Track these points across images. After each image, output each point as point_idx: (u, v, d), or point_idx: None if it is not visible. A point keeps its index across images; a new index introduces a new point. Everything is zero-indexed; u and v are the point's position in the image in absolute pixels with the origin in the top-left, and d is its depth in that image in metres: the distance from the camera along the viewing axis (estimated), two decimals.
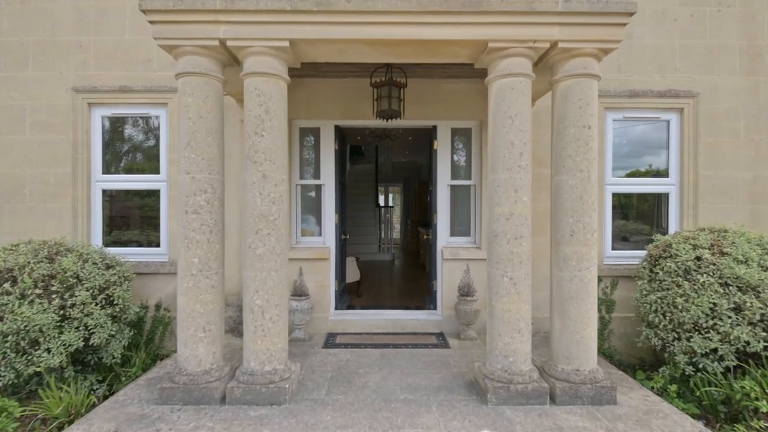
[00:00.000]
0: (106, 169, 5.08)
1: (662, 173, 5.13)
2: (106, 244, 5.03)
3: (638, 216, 5.23)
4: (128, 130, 5.14)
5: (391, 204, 17.77)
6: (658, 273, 4.06)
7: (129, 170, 5.12)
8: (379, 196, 13.80)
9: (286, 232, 3.38)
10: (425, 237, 9.34)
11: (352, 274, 6.23)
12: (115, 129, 5.12)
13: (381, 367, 3.88)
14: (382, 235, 12.03)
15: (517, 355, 3.23)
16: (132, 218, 5.14)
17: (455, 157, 5.22)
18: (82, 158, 4.98)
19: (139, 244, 5.10)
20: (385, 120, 4.36)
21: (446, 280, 5.01)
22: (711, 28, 5.12)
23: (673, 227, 5.09)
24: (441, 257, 5.07)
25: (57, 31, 5.04)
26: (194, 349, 3.19)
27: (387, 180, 16.13)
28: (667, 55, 5.10)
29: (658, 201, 5.19)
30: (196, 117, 3.22)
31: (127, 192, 5.09)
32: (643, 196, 5.20)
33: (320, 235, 5.21)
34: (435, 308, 5.18)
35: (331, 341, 4.65)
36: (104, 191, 5.07)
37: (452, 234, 5.21)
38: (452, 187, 5.21)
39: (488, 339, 3.38)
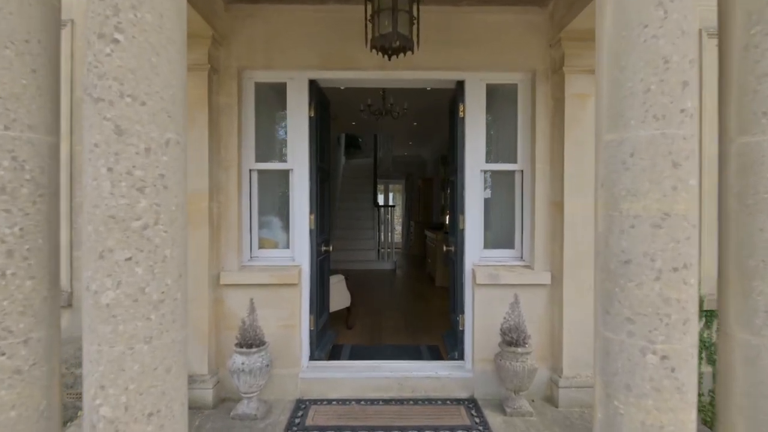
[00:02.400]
0: None
1: None
2: None
3: None
4: None
5: (392, 203, 16.02)
6: None
7: None
8: (378, 194, 12.06)
9: (181, 254, 1.61)
10: (434, 245, 7.58)
11: (340, 300, 4.47)
12: None
13: None
14: (382, 239, 10.31)
15: None
16: None
17: (492, 131, 3.46)
18: None
19: None
20: (386, 56, 2.61)
21: (480, 315, 3.26)
22: None
23: None
24: (471, 280, 3.32)
25: None
26: None
27: (387, 176, 14.38)
28: None
29: None
30: None
31: None
32: None
33: (288, 246, 3.45)
34: (462, 356, 3.42)
35: (299, 420, 2.89)
36: None
37: (486, 245, 3.45)
38: (487, 175, 3.47)
39: None
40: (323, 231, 3.80)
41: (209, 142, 3.11)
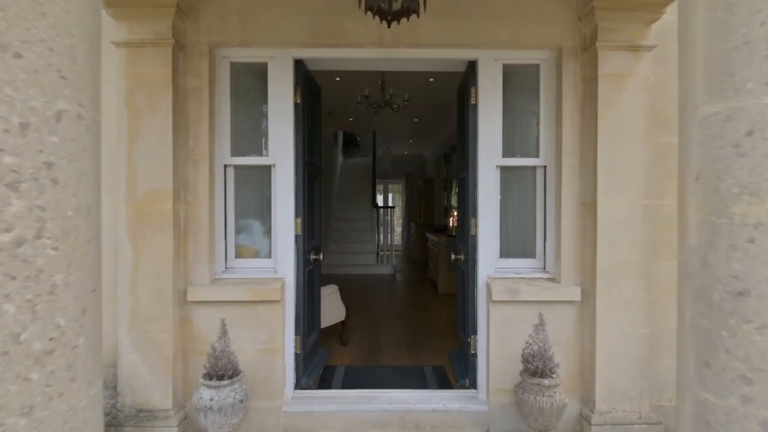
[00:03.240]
0: None
1: None
2: None
3: None
4: None
5: (391, 204, 15.52)
6: None
7: None
8: (376, 195, 11.56)
9: (85, 280, 1.10)
10: (436, 249, 7.08)
11: (333, 314, 3.96)
12: None
13: None
14: (381, 241, 9.80)
15: None
16: None
17: (509, 120, 2.95)
18: None
19: None
20: (385, 21, 2.11)
21: (497, 337, 2.75)
22: None
23: None
24: (486, 296, 2.81)
25: None
26: None
27: (386, 176, 13.90)
28: None
29: None
30: None
31: None
32: None
33: (269, 255, 2.94)
34: (474, 385, 2.91)
35: None
36: None
37: (503, 253, 2.95)
38: (504, 172, 2.96)
39: None
40: (313, 237, 3.29)
41: (174, 132, 2.61)
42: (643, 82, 2.66)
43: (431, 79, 5.86)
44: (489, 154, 2.84)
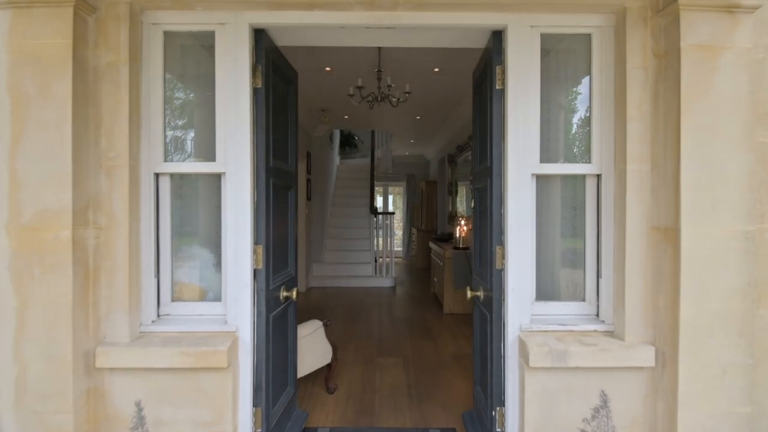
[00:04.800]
0: None
1: None
2: None
3: None
4: None
5: (391, 209, 14.73)
6: None
7: None
8: (375, 199, 10.76)
9: None
10: (441, 262, 6.28)
11: (316, 357, 3.17)
12: None
13: None
14: (380, 248, 8.98)
15: None
16: None
17: (547, 109, 2.15)
18: None
19: None
20: None
21: (535, 416, 1.95)
22: None
23: None
24: (519, 357, 2.02)
25: None
26: None
27: (386, 178, 13.13)
28: None
29: None
30: None
31: None
32: None
33: (220, 299, 2.14)
34: None
35: None
36: None
37: (539, 295, 2.15)
38: (540, 182, 2.16)
39: None
40: (285, 266, 2.50)
41: (75, 126, 1.82)
42: (742, 57, 1.86)
43: (436, 69, 5.06)
44: (521, 159, 2.04)
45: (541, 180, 2.14)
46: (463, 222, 6.37)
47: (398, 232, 13.98)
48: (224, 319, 2.07)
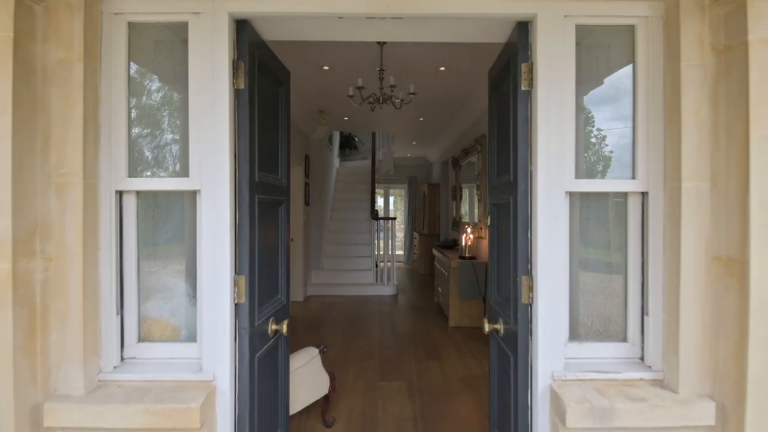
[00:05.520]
0: None
1: None
2: None
3: None
4: None
5: (392, 211, 14.41)
6: None
7: None
8: (375, 203, 10.43)
9: None
10: (446, 272, 5.95)
11: (311, 389, 2.84)
12: None
13: None
14: (381, 252, 8.62)
15: None
16: None
17: (580, 114, 1.82)
18: None
19: None
20: None
21: None
22: None
23: None
24: (551, 413, 1.69)
25: None
26: None
27: (387, 180, 12.82)
28: None
29: None
30: None
31: None
32: None
33: (195, 339, 1.82)
34: None
35: None
36: None
37: (573, 334, 1.82)
38: (574, 200, 1.83)
39: None
40: (276, 293, 2.17)
41: (16, 139, 1.50)
42: None
43: (442, 69, 4.74)
44: (553, 174, 1.72)
45: (572, 197, 1.82)
46: (469, 230, 6.04)
47: (399, 234, 13.66)
48: (198, 362, 1.75)
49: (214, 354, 1.71)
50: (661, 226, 1.73)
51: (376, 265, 8.63)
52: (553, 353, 1.73)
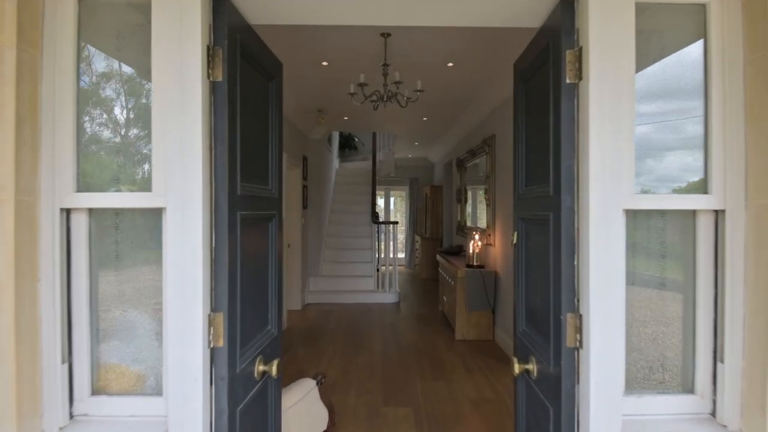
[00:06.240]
0: None
1: None
2: None
3: None
4: None
5: (393, 212, 14.07)
6: None
7: None
8: (376, 206, 10.09)
9: None
10: (452, 281, 5.61)
11: (308, 426, 2.49)
12: None
13: None
14: (382, 256, 8.27)
15: None
16: None
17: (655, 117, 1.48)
18: None
19: None
20: None
21: None
22: None
23: None
24: None
25: None
26: None
27: (388, 181, 12.49)
28: None
29: None
30: None
31: None
32: None
33: (160, 392, 1.48)
34: None
35: None
36: None
37: (629, 385, 1.48)
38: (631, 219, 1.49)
39: None
40: (261, 328, 1.83)
41: None
42: None
43: (450, 64, 4.40)
44: (609, 187, 1.37)
45: (630, 215, 1.47)
46: (477, 236, 5.70)
47: (400, 236, 13.31)
48: (164, 420, 1.40)
49: (183, 412, 1.37)
50: (742, 253, 1.39)
51: (377, 270, 8.29)
52: (608, 410, 1.39)
